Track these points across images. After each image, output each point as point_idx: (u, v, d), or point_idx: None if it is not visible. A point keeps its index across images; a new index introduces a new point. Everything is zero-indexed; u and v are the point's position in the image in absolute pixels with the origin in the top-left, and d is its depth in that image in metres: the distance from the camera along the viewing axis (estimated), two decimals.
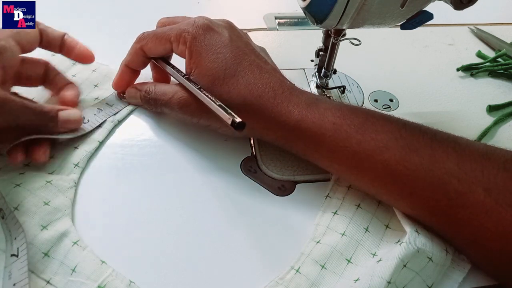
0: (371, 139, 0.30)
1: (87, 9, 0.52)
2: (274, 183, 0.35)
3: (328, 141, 0.31)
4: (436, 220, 0.30)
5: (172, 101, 0.36)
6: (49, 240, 0.29)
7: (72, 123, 0.35)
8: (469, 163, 0.29)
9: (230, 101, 0.33)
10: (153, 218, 0.32)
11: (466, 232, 0.29)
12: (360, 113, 0.32)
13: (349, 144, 0.31)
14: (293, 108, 0.32)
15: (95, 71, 0.42)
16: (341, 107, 0.32)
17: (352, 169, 0.32)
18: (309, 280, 0.29)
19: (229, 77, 0.33)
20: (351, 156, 0.31)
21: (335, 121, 0.31)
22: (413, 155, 0.29)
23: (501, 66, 0.50)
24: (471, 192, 0.28)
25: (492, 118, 0.44)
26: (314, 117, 0.32)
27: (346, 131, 0.31)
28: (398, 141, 0.30)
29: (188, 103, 0.35)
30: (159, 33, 0.36)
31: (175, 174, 0.35)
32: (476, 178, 0.28)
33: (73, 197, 0.32)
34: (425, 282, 0.28)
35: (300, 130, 0.32)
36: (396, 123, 0.31)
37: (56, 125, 0.33)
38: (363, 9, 0.30)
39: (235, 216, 0.33)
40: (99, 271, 0.28)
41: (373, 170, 0.30)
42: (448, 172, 0.28)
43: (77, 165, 0.34)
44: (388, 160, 0.30)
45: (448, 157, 0.29)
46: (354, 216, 0.32)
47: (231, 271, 0.30)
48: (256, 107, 0.33)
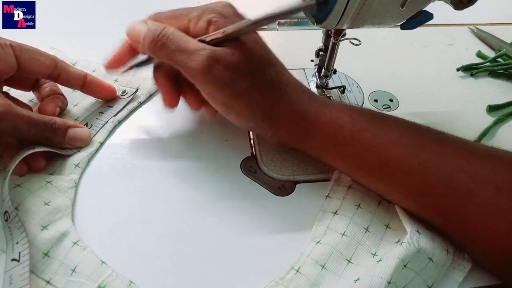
0: (384, 133, 0.31)
1: (87, 9, 0.52)
2: (274, 183, 0.35)
3: (345, 133, 0.32)
4: (444, 217, 0.30)
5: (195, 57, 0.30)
6: (49, 240, 0.29)
7: (80, 141, 0.35)
8: (479, 161, 0.29)
9: (261, 83, 0.32)
10: (153, 218, 0.32)
11: (474, 230, 0.29)
12: (370, 112, 0.33)
13: (364, 137, 0.31)
14: (313, 102, 0.33)
15: (95, 71, 0.42)
16: (353, 107, 0.34)
17: (364, 164, 0.32)
18: (309, 280, 0.29)
19: (264, 61, 0.33)
20: (364, 150, 0.31)
21: (352, 115, 0.32)
22: (425, 151, 0.30)
23: (501, 66, 0.50)
24: (482, 189, 0.28)
25: (492, 118, 0.44)
26: (332, 113, 0.32)
27: (361, 124, 0.32)
28: (409, 138, 0.31)
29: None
30: (176, 11, 0.34)
31: (175, 174, 0.35)
32: (487, 175, 0.28)
33: (73, 197, 0.32)
34: (425, 282, 0.28)
35: (319, 123, 0.32)
36: (405, 122, 0.32)
37: (64, 141, 0.33)
38: (363, 9, 0.30)
39: (235, 216, 0.33)
40: (99, 271, 0.28)
41: (385, 165, 0.31)
42: (459, 169, 0.28)
43: (78, 165, 0.34)
44: (400, 155, 0.30)
45: (458, 154, 0.29)
46: (354, 216, 0.32)
47: (231, 271, 0.30)
48: (284, 95, 0.33)
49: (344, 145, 0.32)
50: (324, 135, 0.32)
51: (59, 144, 0.33)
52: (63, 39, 0.46)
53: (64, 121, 0.34)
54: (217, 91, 0.32)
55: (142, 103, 0.40)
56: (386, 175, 0.31)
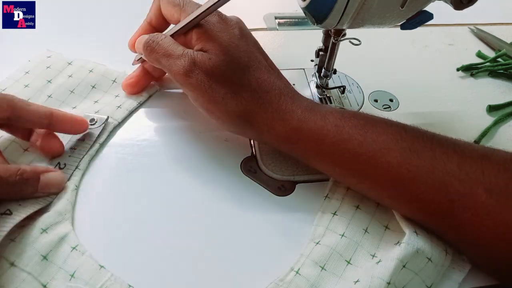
0: (372, 141, 0.30)
1: (87, 9, 0.52)
2: (274, 183, 0.35)
3: (330, 142, 0.31)
4: (437, 222, 0.30)
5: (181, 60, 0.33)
6: (49, 244, 0.29)
7: (54, 187, 0.31)
8: (469, 164, 0.28)
9: (239, 88, 0.32)
10: (152, 220, 0.32)
11: (468, 233, 0.29)
12: (361, 116, 0.32)
13: (351, 146, 0.30)
14: (296, 108, 0.32)
15: (92, 71, 0.41)
16: (341, 111, 0.33)
17: (353, 172, 0.31)
18: (309, 282, 0.29)
19: (242, 66, 0.33)
20: (353, 158, 0.30)
21: (337, 123, 0.31)
22: (414, 158, 0.29)
23: (501, 66, 0.50)
24: (472, 193, 0.28)
25: (492, 118, 0.44)
26: (317, 118, 0.32)
27: (348, 132, 0.31)
28: (399, 143, 0.30)
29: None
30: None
31: (175, 174, 0.35)
32: (477, 179, 0.28)
33: (74, 200, 0.32)
34: (424, 282, 0.28)
35: (302, 131, 0.32)
36: (396, 126, 0.31)
37: (36, 190, 0.30)
38: (363, 9, 0.30)
39: (234, 217, 0.33)
40: (98, 275, 0.28)
41: (375, 173, 0.30)
42: (449, 174, 0.28)
43: (78, 167, 0.34)
44: (390, 163, 0.29)
45: (448, 158, 0.29)
46: (353, 217, 0.32)
47: (230, 273, 0.30)
48: (263, 101, 0.32)
49: (329, 154, 0.31)
50: (308, 144, 0.32)
51: (31, 195, 0.30)
52: (63, 39, 0.46)
53: (34, 168, 0.30)
54: (198, 95, 0.33)
55: (141, 104, 0.40)
56: (377, 183, 0.31)
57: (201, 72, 0.32)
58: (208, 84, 0.32)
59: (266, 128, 0.33)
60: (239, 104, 0.32)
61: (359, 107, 0.43)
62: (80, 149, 0.35)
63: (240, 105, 0.32)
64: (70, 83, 0.40)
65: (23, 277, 0.27)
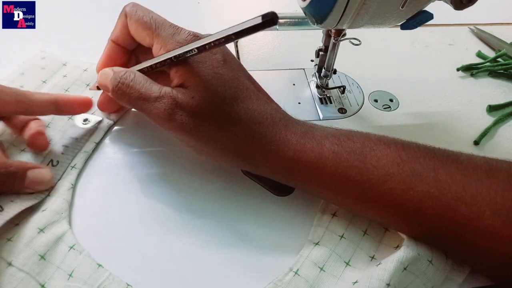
0: (373, 167, 0.29)
1: (87, 9, 0.52)
2: (274, 183, 0.35)
3: (329, 172, 0.29)
4: (445, 245, 0.29)
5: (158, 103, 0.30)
6: (46, 243, 0.29)
7: (41, 184, 0.31)
8: (474, 184, 0.28)
9: (228, 124, 0.30)
10: (151, 219, 0.32)
11: (476, 255, 0.28)
12: (357, 138, 0.31)
13: (352, 174, 0.29)
14: (291, 137, 0.30)
15: (86, 70, 0.41)
16: (337, 133, 0.31)
17: (357, 201, 0.30)
18: (308, 283, 0.29)
19: (229, 99, 0.30)
20: (355, 187, 0.29)
21: (334, 149, 0.30)
22: (418, 183, 0.28)
23: (501, 66, 0.49)
24: (479, 216, 0.27)
25: (492, 118, 0.44)
26: (313, 146, 0.30)
27: (347, 159, 0.29)
28: (400, 167, 0.28)
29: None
30: (145, 19, 0.32)
31: (174, 174, 0.35)
32: (484, 200, 0.27)
33: (70, 199, 0.32)
34: (424, 285, 0.28)
35: (299, 161, 0.30)
36: (394, 146, 0.30)
37: (23, 186, 0.30)
38: (363, 9, 0.30)
39: (234, 217, 0.33)
40: (96, 275, 0.28)
41: (379, 201, 0.29)
42: (454, 197, 0.27)
43: (74, 166, 0.34)
44: (394, 190, 0.28)
45: (452, 179, 0.28)
46: (353, 218, 0.32)
47: (229, 273, 0.30)
48: (255, 134, 0.30)
49: (330, 184, 0.30)
50: (306, 175, 0.30)
51: (20, 190, 0.30)
52: (63, 39, 0.46)
53: (22, 163, 0.31)
54: (184, 136, 0.31)
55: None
56: (382, 210, 0.30)
57: (184, 113, 0.29)
58: (194, 125, 0.29)
59: (261, 161, 0.31)
60: (230, 141, 0.30)
61: (359, 107, 0.43)
62: (73, 147, 0.35)
63: (232, 141, 0.30)
64: (65, 82, 0.40)
65: (21, 276, 0.27)
